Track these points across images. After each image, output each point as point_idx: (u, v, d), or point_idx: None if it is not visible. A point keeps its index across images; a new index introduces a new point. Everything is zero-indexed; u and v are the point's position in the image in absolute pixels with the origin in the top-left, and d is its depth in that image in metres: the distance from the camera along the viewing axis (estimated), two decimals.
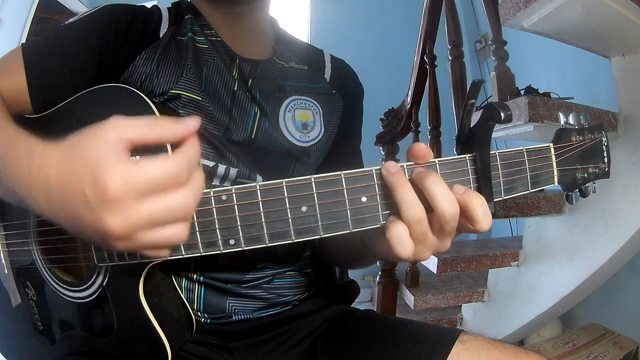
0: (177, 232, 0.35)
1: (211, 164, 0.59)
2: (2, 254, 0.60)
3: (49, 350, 0.58)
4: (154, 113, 0.49)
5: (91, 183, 0.33)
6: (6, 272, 0.60)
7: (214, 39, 0.65)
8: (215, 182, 0.60)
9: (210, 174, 0.59)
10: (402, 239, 0.39)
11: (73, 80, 0.57)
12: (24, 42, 0.62)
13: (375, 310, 1.71)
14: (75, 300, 0.54)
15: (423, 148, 0.41)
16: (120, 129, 0.34)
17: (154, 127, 0.35)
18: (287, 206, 0.41)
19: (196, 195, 0.36)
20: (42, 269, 0.56)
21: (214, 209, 0.41)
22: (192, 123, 0.37)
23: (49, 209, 0.37)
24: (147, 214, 0.34)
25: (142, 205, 0.33)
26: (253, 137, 0.63)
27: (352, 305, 0.75)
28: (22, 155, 0.39)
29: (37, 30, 2.35)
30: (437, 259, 1.44)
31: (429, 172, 0.40)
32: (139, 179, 0.33)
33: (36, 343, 0.60)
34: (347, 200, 0.41)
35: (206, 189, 0.42)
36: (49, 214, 0.38)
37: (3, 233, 0.60)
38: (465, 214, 0.40)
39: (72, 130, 0.53)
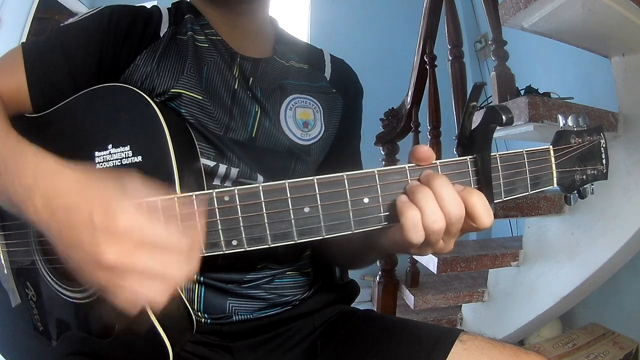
0: (159, 291, 0.36)
1: (212, 163, 0.59)
2: (1, 254, 0.60)
3: (48, 351, 0.58)
4: (155, 113, 0.49)
5: (102, 209, 0.35)
6: (6, 272, 0.60)
7: (214, 38, 0.65)
8: (216, 181, 0.60)
9: (211, 173, 0.59)
10: (417, 225, 0.39)
11: (73, 80, 0.57)
12: (24, 41, 0.62)
13: (375, 310, 1.71)
14: (75, 301, 0.54)
15: (426, 150, 0.42)
16: (143, 190, 0.37)
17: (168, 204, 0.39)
18: (290, 207, 0.41)
19: (189, 273, 0.37)
20: (42, 269, 0.56)
21: (217, 209, 0.41)
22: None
23: (46, 219, 0.38)
24: (142, 261, 0.35)
25: (141, 252, 0.35)
26: (254, 135, 0.63)
27: (352, 305, 0.75)
28: (29, 163, 0.40)
29: (37, 30, 2.35)
30: (437, 259, 1.44)
31: (437, 174, 0.40)
32: (147, 227, 0.35)
33: (36, 343, 0.59)
34: (349, 202, 0.41)
35: (207, 189, 0.42)
36: (44, 223, 0.38)
37: (3, 233, 0.60)
38: (466, 211, 0.40)
39: (73, 129, 0.54)
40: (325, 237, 0.41)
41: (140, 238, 0.35)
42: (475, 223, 0.40)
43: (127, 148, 0.49)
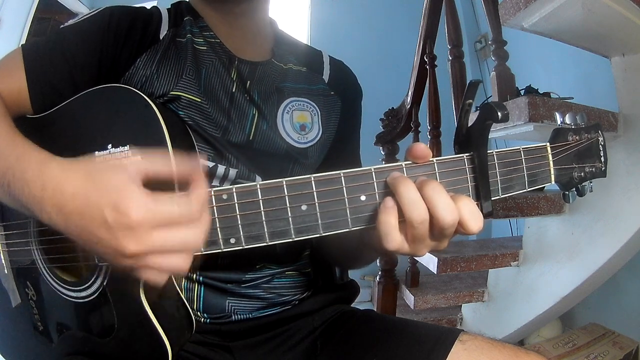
0: (181, 261, 0.39)
1: (211, 164, 0.59)
2: (2, 254, 0.60)
3: (48, 350, 0.58)
4: (154, 113, 0.50)
5: (113, 207, 0.37)
6: (6, 272, 0.60)
7: (212, 40, 0.65)
8: (215, 182, 0.60)
9: (210, 174, 0.59)
10: (391, 232, 0.40)
11: (73, 81, 0.57)
12: (24, 42, 0.62)
13: (375, 310, 1.71)
14: (75, 300, 0.54)
15: (423, 148, 0.42)
16: (139, 163, 0.39)
17: (167, 163, 0.40)
18: (288, 205, 0.41)
19: (204, 233, 0.40)
20: (42, 268, 0.57)
21: (215, 207, 0.41)
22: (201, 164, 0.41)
23: (63, 224, 0.40)
24: (161, 242, 0.37)
25: (157, 233, 0.37)
26: (251, 138, 0.63)
27: (352, 305, 0.75)
28: (35, 172, 0.41)
29: (37, 30, 2.36)
30: (437, 259, 1.44)
31: (430, 180, 0.40)
32: (157, 210, 0.37)
33: (36, 343, 0.60)
34: (346, 199, 0.41)
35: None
36: (61, 227, 0.40)
37: (3, 233, 0.60)
38: None
39: (73, 129, 0.54)
40: (323, 234, 0.42)
41: (154, 223, 0.37)
42: (463, 229, 0.40)
43: (127, 148, 0.49)
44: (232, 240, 0.42)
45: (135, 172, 0.38)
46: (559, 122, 0.48)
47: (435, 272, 1.47)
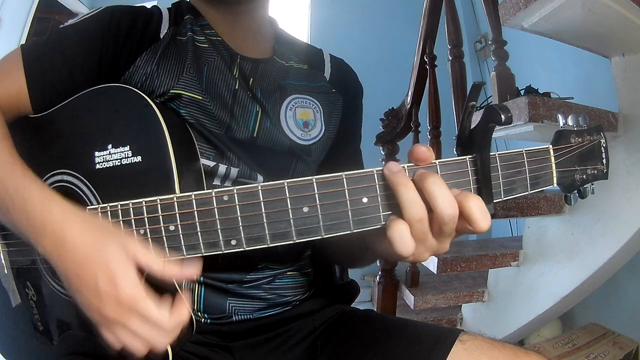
0: (140, 347, 0.43)
1: (212, 163, 0.59)
2: (2, 254, 0.60)
3: (48, 350, 0.58)
4: (154, 113, 0.49)
5: (107, 278, 0.41)
6: (6, 272, 0.60)
7: (214, 38, 0.65)
8: (216, 181, 0.60)
9: (211, 173, 0.59)
10: (403, 238, 0.39)
11: (73, 81, 0.57)
12: (24, 42, 0.62)
13: (375, 310, 1.71)
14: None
15: (424, 150, 0.41)
16: (140, 252, 0.42)
17: (161, 267, 0.43)
18: (289, 207, 0.41)
19: (167, 344, 0.44)
20: (42, 269, 0.56)
21: (216, 209, 0.41)
22: (191, 271, 0.44)
23: (57, 263, 0.43)
24: (134, 325, 0.41)
25: (136, 317, 0.41)
26: (255, 135, 0.63)
27: (352, 305, 0.75)
28: (37, 209, 0.44)
29: (37, 30, 2.36)
30: (437, 259, 1.44)
31: (430, 173, 0.40)
32: (144, 301, 0.41)
33: (36, 343, 0.59)
34: (348, 201, 0.41)
35: (207, 189, 0.42)
36: (55, 264, 0.44)
37: (3, 233, 0.60)
38: (462, 214, 0.40)
39: (73, 129, 0.54)
40: (324, 237, 0.41)
41: (136, 308, 0.41)
42: (472, 226, 0.40)
43: (127, 148, 0.49)
44: (233, 242, 0.42)
45: (133, 254, 0.42)
46: (561, 124, 0.48)
47: (435, 272, 1.47)
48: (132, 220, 0.44)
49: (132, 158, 0.49)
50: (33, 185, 0.45)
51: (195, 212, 0.42)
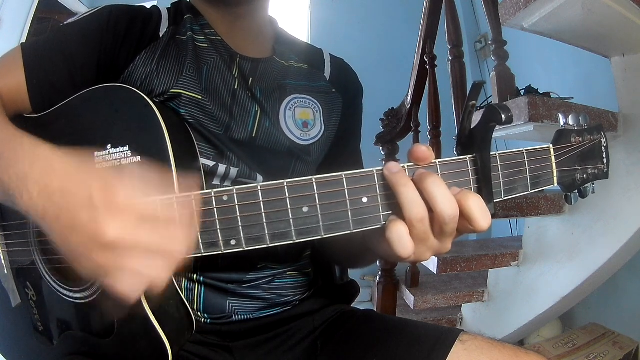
0: (162, 269, 0.36)
1: (211, 163, 0.59)
2: (2, 254, 0.60)
3: (48, 351, 0.58)
4: (154, 113, 0.49)
5: (101, 187, 0.35)
6: (6, 272, 0.60)
7: (213, 38, 0.65)
8: (216, 181, 0.60)
9: (210, 173, 0.59)
10: (402, 239, 0.39)
11: (72, 80, 0.57)
12: (24, 41, 0.62)
13: (375, 310, 1.71)
14: (75, 301, 0.54)
15: (424, 150, 0.41)
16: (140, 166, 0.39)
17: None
18: (289, 207, 0.41)
19: (189, 248, 0.37)
20: (42, 269, 0.56)
21: (215, 209, 0.41)
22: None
23: (41, 207, 0.37)
24: (144, 237, 0.34)
25: (143, 226, 0.34)
26: (254, 135, 0.63)
27: (352, 305, 0.75)
28: (25, 150, 0.41)
29: (37, 30, 2.35)
30: (437, 259, 1.44)
31: (430, 173, 0.40)
32: (149, 201, 0.35)
33: (36, 343, 0.59)
34: (348, 201, 0.41)
35: (207, 188, 0.42)
36: (39, 211, 0.37)
37: (3, 233, 0.60)
38: (462, 213, 0.39)
39: (72, 129, 0.54)
40: (324, 237, 0.41)
41: (141, 212, 0.35)
42: (472, 225, 0.40)
43: (126, 148, 0.49)
44: (233, 242, 0.42)
45: (132, 185, 0.37)
46: (562, 124, 0.48)
47: (435, 272, 1.47)
48: None
49: (132, 158, 0.49)
50: (24, 136, 0.44)
51: (195, 212, 0.42)
